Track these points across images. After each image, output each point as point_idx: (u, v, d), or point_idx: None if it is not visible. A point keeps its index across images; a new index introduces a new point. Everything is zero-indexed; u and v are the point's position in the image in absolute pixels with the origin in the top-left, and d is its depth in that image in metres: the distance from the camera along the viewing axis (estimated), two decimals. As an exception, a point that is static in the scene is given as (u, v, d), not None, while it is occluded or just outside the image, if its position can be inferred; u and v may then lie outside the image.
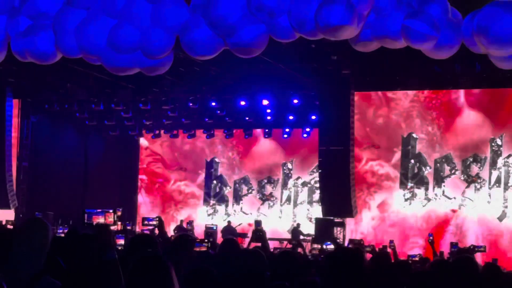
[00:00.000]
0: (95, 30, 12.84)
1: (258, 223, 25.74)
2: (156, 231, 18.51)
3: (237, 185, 29.69)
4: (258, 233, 22.56)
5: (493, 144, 24.15)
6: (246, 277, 6.88)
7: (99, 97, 26.33)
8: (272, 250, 18.29)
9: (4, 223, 21.98)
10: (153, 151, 31.33)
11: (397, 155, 25.41)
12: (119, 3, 12.73)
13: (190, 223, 27.23)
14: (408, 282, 5.56)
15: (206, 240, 17.34)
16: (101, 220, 20.55)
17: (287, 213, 28.55)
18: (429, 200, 24.90)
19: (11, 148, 25.22)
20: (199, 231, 27.63)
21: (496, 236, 23.19)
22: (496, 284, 7.33)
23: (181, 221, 27.26)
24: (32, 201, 26.39)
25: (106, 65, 13.31)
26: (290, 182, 28.76)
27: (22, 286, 5.52)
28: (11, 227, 20.06)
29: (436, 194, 24.83)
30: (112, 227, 20.11)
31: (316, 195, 26.88)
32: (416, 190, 25.10)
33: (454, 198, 24.53)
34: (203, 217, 29.68)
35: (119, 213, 27.73)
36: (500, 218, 23.60)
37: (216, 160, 30.20)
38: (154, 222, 21.97)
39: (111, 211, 21.41)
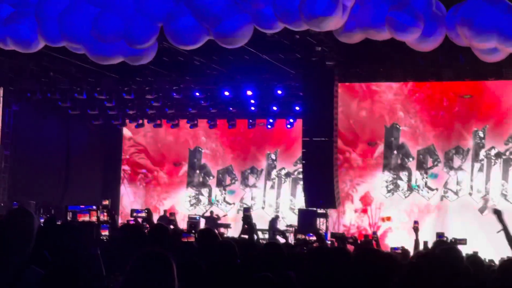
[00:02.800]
0: (78, 18, 12.78)
1: (246, 209, 25.67)
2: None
3: (220, 175, 29.67)
4: (247, 220, 22.53)
5: (475, 136, 24.23)
6: (219, 268, 6.92)
7: (82, 86, 26.21)
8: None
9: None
10: (137, 142, 31.26)
11: (380, 147, 25.44)
12: (103, -9, 12.68)
13: (173, 214, 27.18)
14: (393, 273, 5.57)
15: (193, 231, 17.36)
16: (85, 218, 20.47)
17: (270, 203, 28.56)
18: (411, 191, 24.97)
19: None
20: (182, 222, 27.63)
21: (477, 228, 23.25)
22: (479, 275, 7.38)
23: (165, 211, 27.21)
24: (14, 190, 26.27)
25: (89, 54, 13.27)
26: (274, 173, 28.76)
27: (8, 276, 5.50)
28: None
29: (419, 186, 24.91)
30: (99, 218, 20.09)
31: (300, 187, 26.89)
32: (399, 182, 25.15)
33: (437, 189, 24.61)
34: (186, 207, 29.64)
35: (106, 202, 27.71)
36: (481, 210, 23.70)
37: (200, 149, 30.16)
38: (143, 214, 21.90)
39: (94, 207, 21.35)
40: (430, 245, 14.43)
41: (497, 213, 8.77)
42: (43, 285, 4.85)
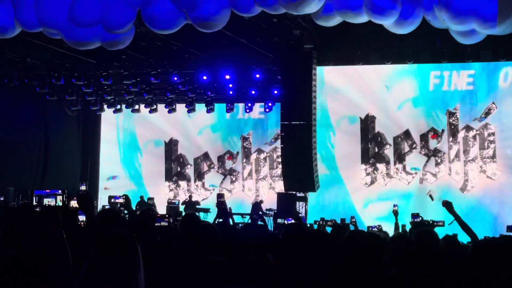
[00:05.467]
0: (54, 3, 12.70)
1: (219, 195, 25.73)
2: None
3: (198, 161, 29.64)
4: (221, 206, 22.59)
5: (450, 116, 24.35)
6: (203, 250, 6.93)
7: (60, 72, 26.07)
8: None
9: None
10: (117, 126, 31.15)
11: (358, 134, 25.52)
12: (79, -24, 12.60)
13: (152, 199, 27.14)
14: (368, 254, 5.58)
15: (167, 216, 17.33)
16: (52, 203, 20.39)
17: (249, 187, 28.58)
18: (390, 177, 25.05)
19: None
20: (162, 207, 27.62)
21: (459, 209, 23.38)
22: (455, 256, 7.42)
23: (141, 197, 27.12)
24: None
25: (66, 39, 13.20)
26: (252, 157, 28.76)
27: None
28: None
29: (397, 169, 24.99)
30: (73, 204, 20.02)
31: (278, 170, 26.91)
32: (378, 166, 25.25)
33: (415, 173, 24.71)
34: (166, 194, 29.61)
35: (83, 188, 27.61)
36: (462, 190, 23.86)
37: (175, 138, 30.07)
38: (121, 200, 21.82)
39: (60, 192, 21.26)
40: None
41: (447, 205, 8.87)
42: (8, 268, 4.81)
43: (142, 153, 30.65)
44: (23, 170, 27.67)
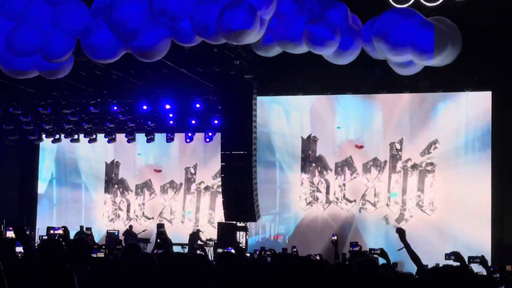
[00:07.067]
0: (-8, 32, 12.59)
1: (159, 225, 25.58)
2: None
3: (139, 189, 29.44)
4: (162, 236, 22.43)
5: (392, 148, 24.53)
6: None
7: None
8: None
9: None
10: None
11: (298, 160, 25.53)
12: (18, 4, 12.53)
13: (89, 229, 26.87)
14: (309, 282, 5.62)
15: (103, 246, 17.19)
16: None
17: (189, 218, 28.45)
18: (330, 203, 25.09)
19: None
20: (101, 237, 27.33)
21: (395, 240, 23.47)
22: (393, 284, 7.53)
23: (81, 226, 26.85)
24: None
25: (3, 68, 13.08)
26: (193, 187, 28.65)
27: None
28: None
29: (337, 198, 25.06)
30: (10, 234, 19.74)
31: (219, 200, 26.81)
32: (317, 194, 25.26)
33: (354, 201, 24.80)
34: (105, 222, 29.32)
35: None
36: (398, 221, 23.97)
37: (117, 162, 29.83)
38: (60, 231, 21.60)
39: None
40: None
41: (400, 232, 9.05)
42: None
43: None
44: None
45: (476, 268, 11.54)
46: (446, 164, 23.74)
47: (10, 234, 19.26)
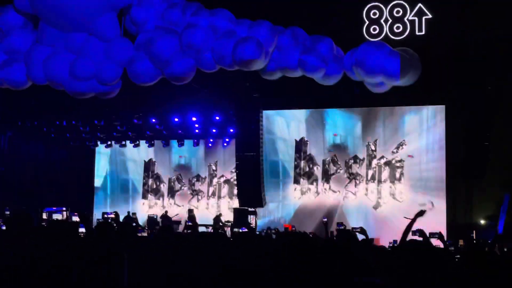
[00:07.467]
0: (58, 63, 12.64)
1: (190, 210, 25.65)
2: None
3: (172, 182, 29.42)
4: (192, 219, 22.54)
5: (368, 148, 24.51)
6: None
7: (63, 116, 25.88)
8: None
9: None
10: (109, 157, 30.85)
11: (292, 157, 25.52)
12: (78, 41, 12.58)
13: (134, 214, 26.92)
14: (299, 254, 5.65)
15: (146, 228, 17.24)
16: (59, 217, 20.25)
17: (212, 204, 28.45)
18: (318, 193, 25.08)
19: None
20: (143, 220, 27.40)
21: (372, 222, 23.46)
22: (368, 252, 7.57)
23: (128, 212, 26.92)
24: (6, 198, 25.56)
25: (67, 90, 13.14)
26: (215, 180, 28.65)
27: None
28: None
29: (325, 189, 25.03)
30: (75, 218, 19.82)
31: (235, 191, 26.83)
32: (309, 186, 25.24)
33: (339, 191, 24.78)
34: (145, 209, 29.32)
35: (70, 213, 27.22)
36: (375, 207, 23.94)
37: (154, 161, 29.80)
38: (112, 216, 21.72)
39: (64, 208, 21.14)
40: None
41: (420, 213, 8.67)
42: None
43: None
44: (33, 193, 27.17)
45: (435, 242, 11.54)
46: (410, 162, 23.75)
47: (75, 218, 19.31)
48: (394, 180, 24.05)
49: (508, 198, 20.80)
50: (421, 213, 8.67)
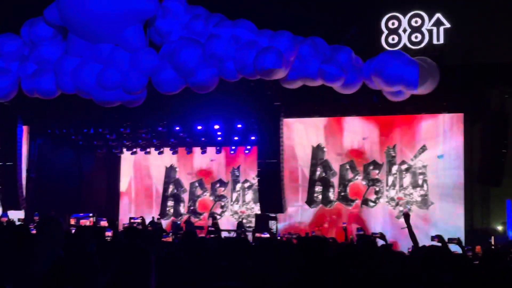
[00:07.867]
0: (86, 72, 12.76)
1: (213, 217, 25.63)
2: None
3: (193, 188, 29.36)
4: (215, 225, 22.54)
5: (388, 153, 24.35)
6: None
7: (90, 124, 26.08)
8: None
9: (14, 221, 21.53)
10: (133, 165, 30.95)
11: (309, 163, 25.44)
12: (105, 52, 12.69)
13: (159, 219, 27.02)
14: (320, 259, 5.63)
15: (170, 233, 17.25)
16: (87, 222, 20.26)
17: (235, 210, 28.41)
18: (335, 201, 24.89)
19: (21, 163, 24.90)
20: (165, 225, 27.44)
21: (391, 228, 23.28)
22: (390, 260, 7.52)
23: (153, 217, 26.98)
24: (36, 204, 25.78)
25: (95, 99, 13.24)
26: (238, 185, 28.61)
27: (44, 267, 5.38)
28: (22, 223, 19.61)
29: (342, 195, 24.84)
30: (103, 223, 19.82)
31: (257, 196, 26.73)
32: (326, 192, 25.08)
33: (357, 199, 24.59)
34: (165, 214, 29.26)
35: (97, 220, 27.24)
36: (398, 217, 23.56)
37: (174, 166, 29.70)
38: (138, 220, 21.77)
39: (91, 214, 21.17)
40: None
41: (405, 215, 8.96)
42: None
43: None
44: (61, 199, 27.30)
45: (453, 248, 11.45)
46: (433, 165, 23.55)
47: (103, 223, 19.32)
48: (416, 187, 23.81)
49: (510, 203, 20.66)
50: (407, 216, 8.79)
